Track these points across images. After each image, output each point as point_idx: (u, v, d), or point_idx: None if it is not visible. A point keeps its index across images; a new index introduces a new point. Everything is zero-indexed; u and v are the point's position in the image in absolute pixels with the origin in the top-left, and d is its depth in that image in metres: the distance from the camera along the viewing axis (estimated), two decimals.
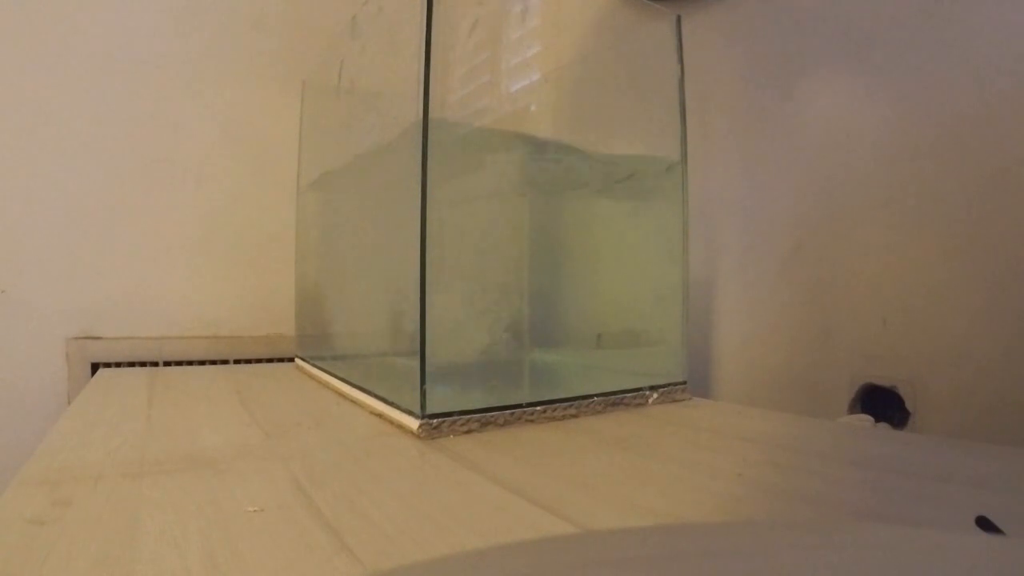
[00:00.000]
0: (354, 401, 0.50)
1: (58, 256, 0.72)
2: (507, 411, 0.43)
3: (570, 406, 0.46)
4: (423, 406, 0.40)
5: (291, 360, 0.75)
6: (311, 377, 0.63)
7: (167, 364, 0.75)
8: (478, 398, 0.43)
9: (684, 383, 0.53)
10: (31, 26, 0.70)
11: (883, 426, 0.51)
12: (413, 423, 0.40)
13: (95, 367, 0.72)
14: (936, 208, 0.49)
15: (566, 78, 0.58)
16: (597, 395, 0.48)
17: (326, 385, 0.58)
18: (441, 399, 0.40)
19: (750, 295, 0.64)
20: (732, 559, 0.16)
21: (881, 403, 0.53)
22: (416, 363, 0.40)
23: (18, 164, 0.70)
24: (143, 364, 0.74)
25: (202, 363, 0.77)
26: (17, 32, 0.69)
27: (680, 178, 0.55)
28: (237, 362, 0.79)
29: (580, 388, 0.48)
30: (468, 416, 0.41)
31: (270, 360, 0.81)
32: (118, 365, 0.73)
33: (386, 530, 0.24)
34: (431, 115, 0.40)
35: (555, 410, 0.45)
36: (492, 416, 0.42)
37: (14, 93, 0.69)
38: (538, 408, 0.44)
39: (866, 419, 0.51)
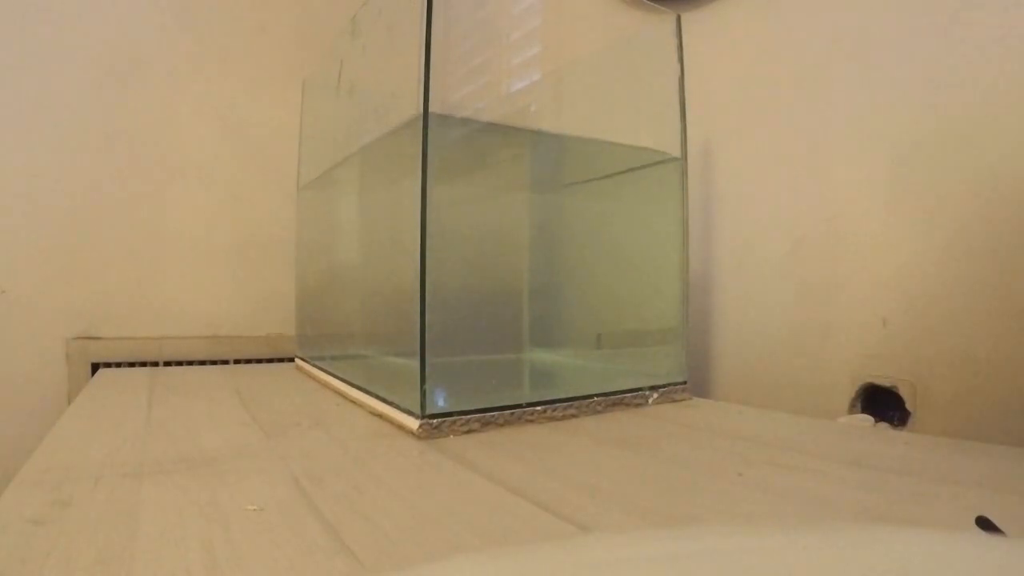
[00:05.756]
0: (354, 401, 0.50)
1: (58, 256, 0.72)
2: (507, 411, 0.43)
3: (570, 406, 0.46)
4: (423, 406, 0.40)
5: (291, 360, 0.75)
6: (311, 377, 0.63)
7: (167, 364, 0.75)
8: (478, 398, 0.43)
9: (684, 383, 0.53)
10: (31, 25, 0.70)
11: (883, 426, 0.51)
12: (413, 423, 0.40)
13: (95, 367, 0.72)
14: (937, 207, 0.49)
15: (566, 78, 0.58)
16: (597, 395, 0.48)
17: (326, 385, 0.58)
18: (440, 399, 0.40)
19: (750, 294, 0.64)
20: (733, 559, 0.16)
21: (881, 403, 0.53)
22: (416, 363, 0.40)
23: (18, 164, 0.70)
24: (143, 364, 0.74)
25: (202, 363, 0.77)
26: (17, 31, 0.69)
27: (680, 176, 0.55)
28: (237, 362, 0.79)
29: (580, 388, 0.48)
30: (468, 416, 0.41)
31: (270, 360, 0.81)
32: (118, 365, 0.73)
33: (386, 530, 0.24)
34: (431, 111, 0.40)
35: (555, 410, 0.45)
36: (492, 416, 0.42)
37: (14, 92, 0.69)
38: (538, 408, 0.44)
39: (866, 419, 0.51)
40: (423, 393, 0.40)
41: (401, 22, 0.46)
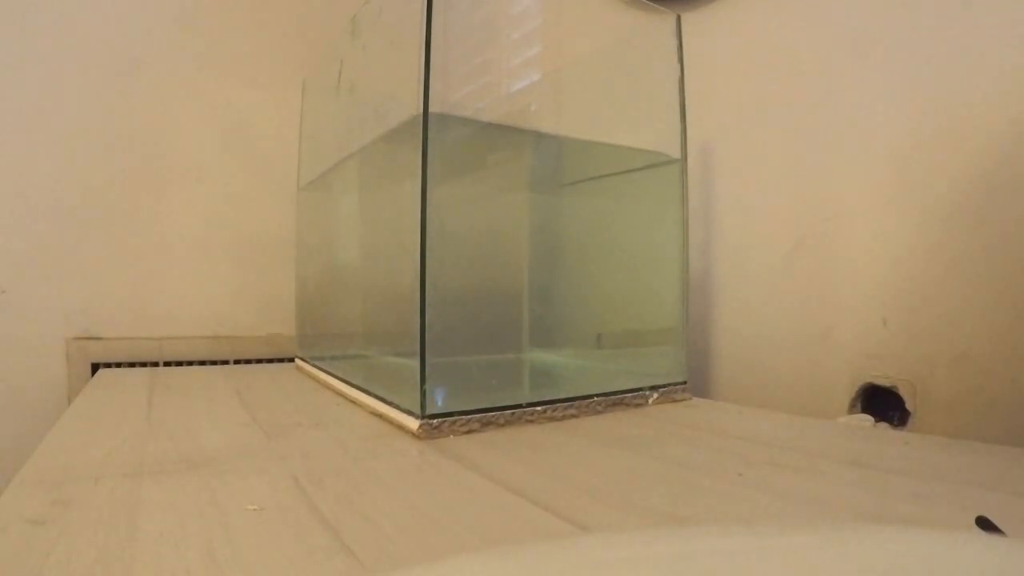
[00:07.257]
0: (354, 401, 0.50)
1: (58, 256, 0.72)
2: (507, 411, 0.43)
3: (570, 406, 0.46)
4: (423, 406, 0.40)
5: (291, 360, 0.75)
6: (311, 377, 0.63)
7: (167, 364, 0.75)
8: (478, 398, 0.43)
9: (684, 383, 0.53)
10: (31, 25, 0.70)
11: (883, 426, 0.51)
12: (413, 423, 0.40)
13: (95, 367, 0.72)
14: (937, 207, 0.49)
15: (566, 78, 0.58)
16: (597, 395, 0.48)
17: (326, 385, 0.58)
18: (440, 399, 0.40)
19: (750, 294, 0.64)
20: (733, 559, 0.16)
21: (881, 403, 0.53)
22: (416, 363, 0.40)
23: (17, 164, 0.70)
24: (143, 364, 0.74)
25: (202, 363, 0.77)
26: (17, 31, 0.69)
27: (680, 177, 0.55)
28: (237, 362, 0.79)
29: (580, 388, 0.48)
30: (468, 416, 0.41)
31: (270, 360, 0.81)
32: (118, 365, 0.73)
33: (386, 530, 0.24)
34: (431, 111, 0.40)
35: (555, 410, 0.45)
36: (492, 416, 0.42)
37: (14, 92, 0.69)
38: (538, 408, 0.44)
39: (866, 419, 0.51)
40: (423, 393, 0.40)
41: (401, 22, 0.46)
